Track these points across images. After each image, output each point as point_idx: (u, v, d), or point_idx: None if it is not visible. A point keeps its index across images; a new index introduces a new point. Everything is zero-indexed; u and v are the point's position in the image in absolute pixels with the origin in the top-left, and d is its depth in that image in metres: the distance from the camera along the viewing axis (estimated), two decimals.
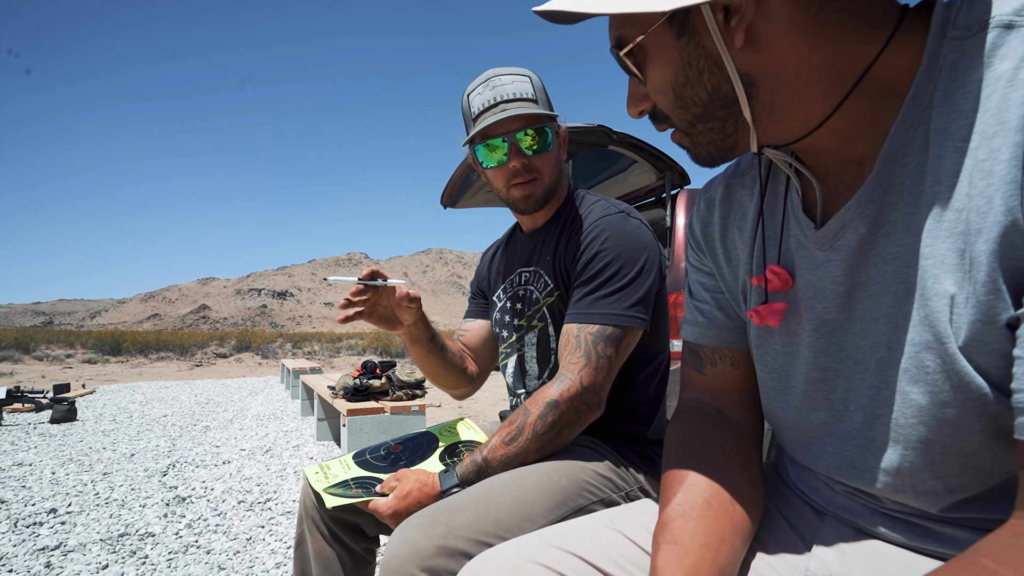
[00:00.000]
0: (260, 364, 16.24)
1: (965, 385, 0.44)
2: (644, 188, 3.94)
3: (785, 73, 0.49)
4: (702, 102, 0.52)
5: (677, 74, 0.52)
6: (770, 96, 0.50)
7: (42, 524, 2.45)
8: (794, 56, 0.48)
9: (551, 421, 0.94)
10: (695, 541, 0.54)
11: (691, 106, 0.53)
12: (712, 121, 0.53)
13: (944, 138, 0.44)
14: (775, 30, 0.47)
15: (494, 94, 1.05)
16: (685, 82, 0.52)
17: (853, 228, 0.51)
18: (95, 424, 5.21)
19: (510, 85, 1.05)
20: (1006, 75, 0.40)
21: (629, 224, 1.04)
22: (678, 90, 0.53)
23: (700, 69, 0.50)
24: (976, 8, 0.44)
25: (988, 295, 0.41)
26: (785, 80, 0.49)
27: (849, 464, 0.55)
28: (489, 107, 1.05)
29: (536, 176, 1.08)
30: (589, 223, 1.05)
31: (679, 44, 0.50)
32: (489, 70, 1.08)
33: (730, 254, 0.68)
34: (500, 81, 1.06)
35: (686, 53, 0.50)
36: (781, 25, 0.47)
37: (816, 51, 0.47)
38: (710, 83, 0.51)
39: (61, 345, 17.88)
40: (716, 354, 0.70)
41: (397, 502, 0.92)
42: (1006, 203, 0.40)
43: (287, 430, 4.77)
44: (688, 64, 0.51)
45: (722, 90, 0.51)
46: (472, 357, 1.31)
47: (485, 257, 1.35)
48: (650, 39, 0.52)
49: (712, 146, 0.56)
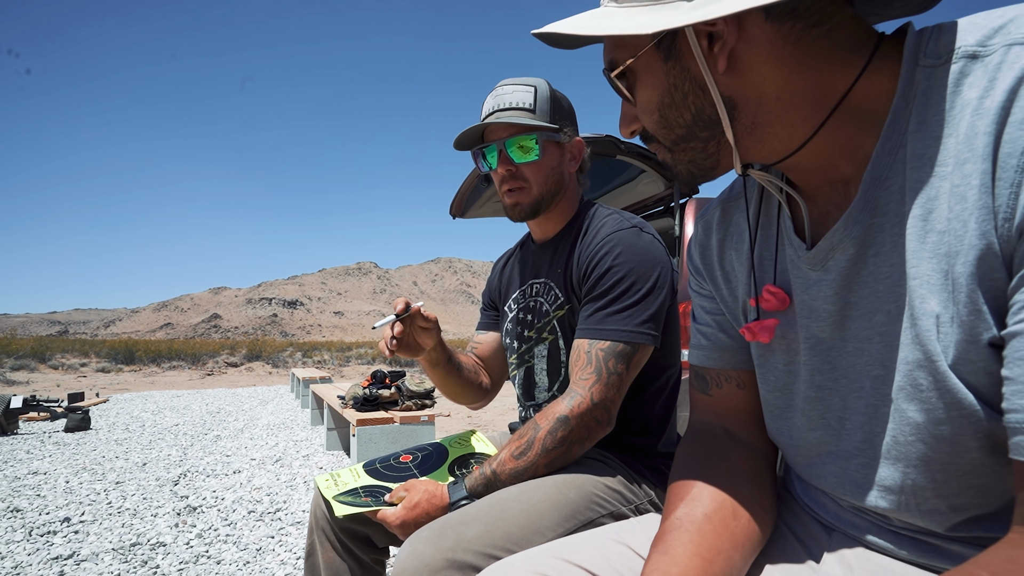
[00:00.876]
0: (270, 373, 16.34)
1: (958, 403, 0.45)
2: (653, 197, 3.95)
3: (766, 97, 0.51)
4: (686, 123, 0.55)
5: (663, 95, 0.54)
6: (752, 118, 0.52)
7: (56, 533, 2.48)
8: (775, 81, 0.50)
9: (561, 437, 0.94)
10: (687, 552, 0.55)
11: (675, 127, 0.56)
12: (695, 141, 0.56)
13: (922, 163, 0.45)
14: (756, 56, 0.49)
15: (495, 102, 1.08)
16: (671, 103, 0.54)
17: (842, 249, 0.52)
18: (108, 433, 5.26)
19: (510, 95, 1.08)
20: (973, 103, 0.42)
21: (642, 239, 1.04)
22: (663, 111, 0.55)
23: (685, 91, 0.53)
24: (944, 37, 0.46)
25: (970, 315, 0.43)
26: (766, 103, 0.51)
27: (852, 483, 0.55)
28: (487, 114, 1.09)
29: (523, 185, 1.09)
30: (601, 237, 1.05)
31: (666, 67, 0.53)
32: (504, 79, 1.12)
33: (728, 275, 0.68)
34: (503, 90, 1.09)
35: (672, 76, 0.53)
36: (762, 52, 0.49)
37: (796, 76, 0.49)
38: (694, 105, 0.53)
39: (76, 354, 18.12)
40: (722, 375, 0.71)
41: (405, 512, 0.93)
42: (979, 228, 0.41)
43: (297, 439, 4.79)
44: (674, 86, 0.53)
45: (705, 112, 0.53)
46: (484, 368, 1.32)
47: (496, 267, 1.36)
48: (639, 62, 0.54)
49: (692, 164, 0.58)
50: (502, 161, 1.08)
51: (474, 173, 3.70)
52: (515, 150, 1.07)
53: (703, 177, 0.59)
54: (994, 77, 0.41)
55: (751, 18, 0.48)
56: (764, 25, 0.48)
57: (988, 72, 0.42)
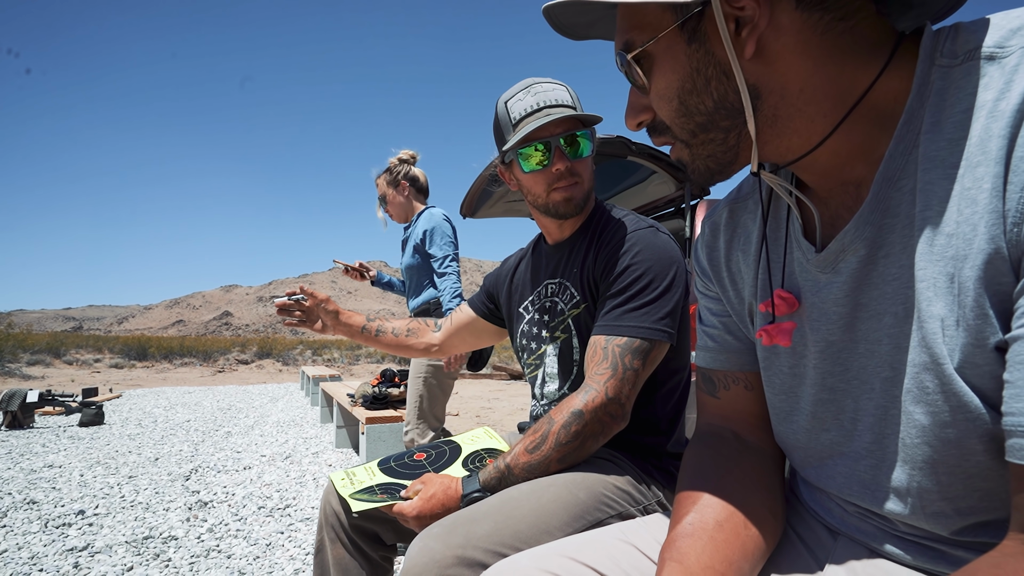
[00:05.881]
0: (281, 371, 16.45)
1: (964, 406, 0.44)
2: (664, 199, 3.93)
3: (790, 88, 0.50)
4: (707, 110, 0.53)
5: (684, 80, 0.52)
6: (774, 110, 0.51)
7: (71, 525, 2.52)
8: (799, 72, 0.49)
9: (575, 431, 0.94)
10: (701, 562, 0.54)
11: (695, 114, 0.53)
12: (715, 131, 0.53)
13: (933, 164, 0.45)
14: (783, 45, 0.48)
15: (536, 99, 1.07)
16: (692, 89, 0.52)
17: (853, 250, 0.52)
18: (121, 428, 5.33)
19: (551, 92, 1.08)
20: (988, 105, 0.42)
21: (659, 239, 1.05)
22: (684, 97, 0.53)
23: (708, 76, 0.51)
24: (961, 38, 0.45)
25: (976, 319, 0.42)
26: (789, 95, 0.50)
27: (860, 485, 0.55)
28: (533, 111, 1.07)
29: (578, 180, 1.10)
30: (619, 236, 1.06)
31: (689, 50, 0.51)
32: (527, 79, 1.11)
33: (735, 277, 0.68)
34: (542, 88, 1.08)
35: (695, 60, 0.51)
36: (789, 41, 0.48)
37: (820, 70, 0.49)
38: (717, 91, 0.51)
39: (90, 350, 18.35)
40: (729, 377, 0.71)
41: (422, 504, 0.94)
42: (989, 231, 0.41)
43: (306, 437, 4.82)
44: (696, 71, 0.51)
45: (728, 99, 0.51)
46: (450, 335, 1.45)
47: (507, 265, 1.35)
48: (660, 44, 0.52)
49: (711, 159, 0.56)
50: (559, 157, 1.07)
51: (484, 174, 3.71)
52: (573, 145, 1.07)
53: (720, 173, 0.57)
54: (1010, 79, 0.41)
55: (781, 5, 0.47)
56: (793, 14, 0.47)
57: (1005, 74, 0.41)
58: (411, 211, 2.56)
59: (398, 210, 2.56)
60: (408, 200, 2.54)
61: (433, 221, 2.41)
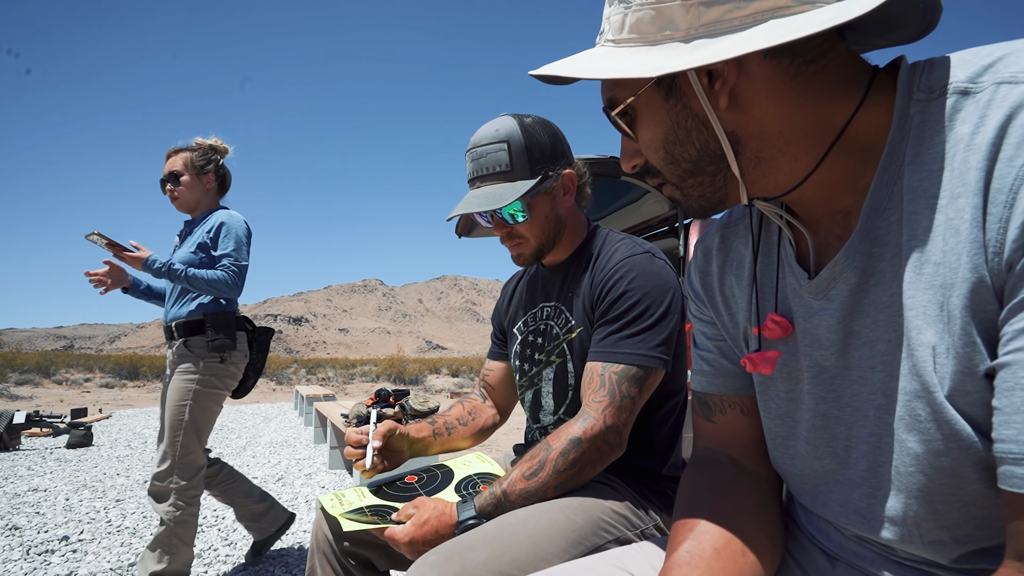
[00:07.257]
0: (274, 390, 16.31)
1: (956, 434, 0.45)
2: (657, 218, 3.95)
3: (768, 131, 0.51)
4: (691, 158, 0.55)
5: (667, 133, 0.54)
6: (756, 152, 0.52)
7: (54, 552, 2.45)
8: (776, 116, 0.50)
9: (573, 459, 0.93)
10: None
11: (681, 162, 0.56)
12: (702, 176, 0.56)
13: (917, 195, 0.46)
14: (756, 93, 0.50)
15: (473, 167, 1.08)
16: (675, 140, 0.54)
17: (844, 279, 0.52)
18: (110, 449, 5.24)
19: (485, 158, 1.06)
20: (965, 139, 0.43)
21: (655, 265, 1.05)
22: (668, 147, 0.55)
23: (688, 128, 0.53)
24: (936, 72, 0.47)
25: (965, 347, 0.43)
26: (769, 138, 0.51)
27: (856, 513, 0.55)
28: (470, 180, 1.09)
29: (520, 240, 1.11)
30: (615, 262, 1.06)
31: (667, 105, 0.53)
32: (477, 131, 1.09)
33: (728, 301, 0.68)
34: (477, 153, 1.07)
35: (674, 113, 0.53)
36: (762, 88, 0.50)
37: (797, 111, 0.50)
38: (698, 141, 0.53)
39: (80, 369, 18.15)
40: (725, 401, 0.70)
41: (415, 529, 0.91)
42: (971, 261, 0.42)
43: (300, 458, 4.76)
44: (677, 123, 0.53)
45: (710, 147, 0.53)
46: (493, 395, 1.35)
47: (505, 290, 1.35)
48: (639, 100, 0.54)
49: (703, 199, 0.58)
50: (496, 226, 1.10)
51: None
52: (505, 216, 1.08)
53: (713, 209, 0.59)
54: (984, 114, 0.42)
55: (750, 56, 0.49)
56: (763, 62, 0.49)
57: (979, 108, 0.43)
58: (205, 205, 2.22)
59: (190, 197, 2.18)
60: (208, 193, 2.21)
61: (235, 222, 2.14)
